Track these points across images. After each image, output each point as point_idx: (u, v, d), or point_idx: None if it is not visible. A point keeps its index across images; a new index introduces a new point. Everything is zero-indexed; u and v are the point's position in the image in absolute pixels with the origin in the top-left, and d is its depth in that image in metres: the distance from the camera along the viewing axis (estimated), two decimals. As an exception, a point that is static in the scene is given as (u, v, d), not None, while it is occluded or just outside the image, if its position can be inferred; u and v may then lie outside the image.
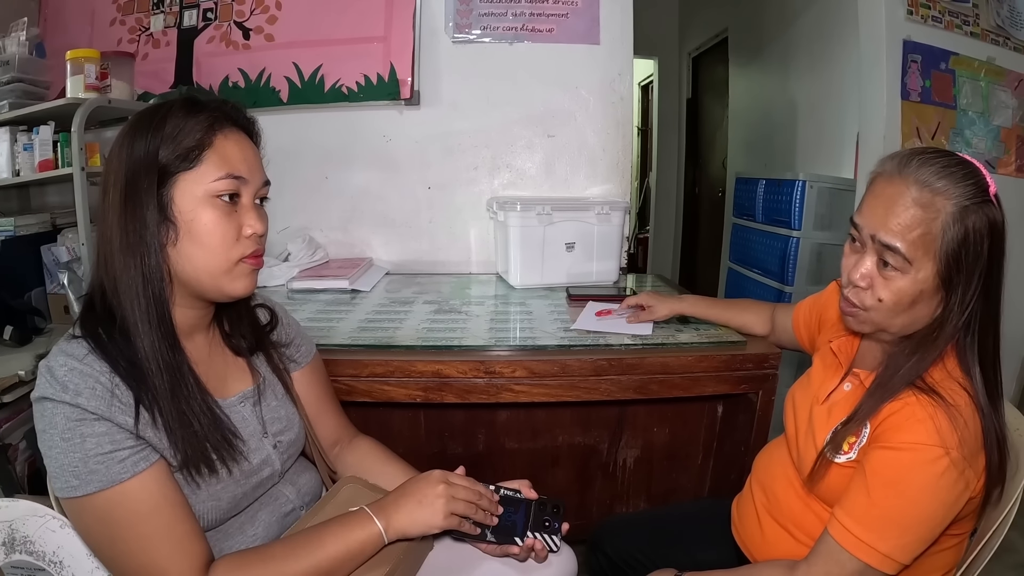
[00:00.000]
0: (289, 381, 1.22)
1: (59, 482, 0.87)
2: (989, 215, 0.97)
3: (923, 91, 2.85)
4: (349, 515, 1.02)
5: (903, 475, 0.97)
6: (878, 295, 1.03)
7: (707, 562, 1.40)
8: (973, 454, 0.96)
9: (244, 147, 1.02)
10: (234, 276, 1.01)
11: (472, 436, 1.91)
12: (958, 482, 0.95)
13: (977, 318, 1.00)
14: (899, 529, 0.96)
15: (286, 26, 2.52)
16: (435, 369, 1.55)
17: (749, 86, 4.44)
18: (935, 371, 1.03)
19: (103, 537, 0.89)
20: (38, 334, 2.14)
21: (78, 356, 0.89)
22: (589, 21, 2.55)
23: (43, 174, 2.13)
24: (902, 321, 1.04)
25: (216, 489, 0.99)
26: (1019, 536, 2.31)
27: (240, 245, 1.00)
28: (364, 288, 2.25)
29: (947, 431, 0.95)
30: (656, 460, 1.94)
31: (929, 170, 0.99)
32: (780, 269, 3.03)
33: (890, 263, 1.00)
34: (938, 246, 0.96)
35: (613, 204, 2.32)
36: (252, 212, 1.02)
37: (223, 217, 0.97)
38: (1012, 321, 3.24)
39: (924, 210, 0.97)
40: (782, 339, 1.63)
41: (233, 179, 0.98)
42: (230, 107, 1.03)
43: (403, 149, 2.62)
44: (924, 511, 0.96)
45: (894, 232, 0.98)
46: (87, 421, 0.86)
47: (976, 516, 1.11)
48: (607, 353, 1.59)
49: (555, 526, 1.16)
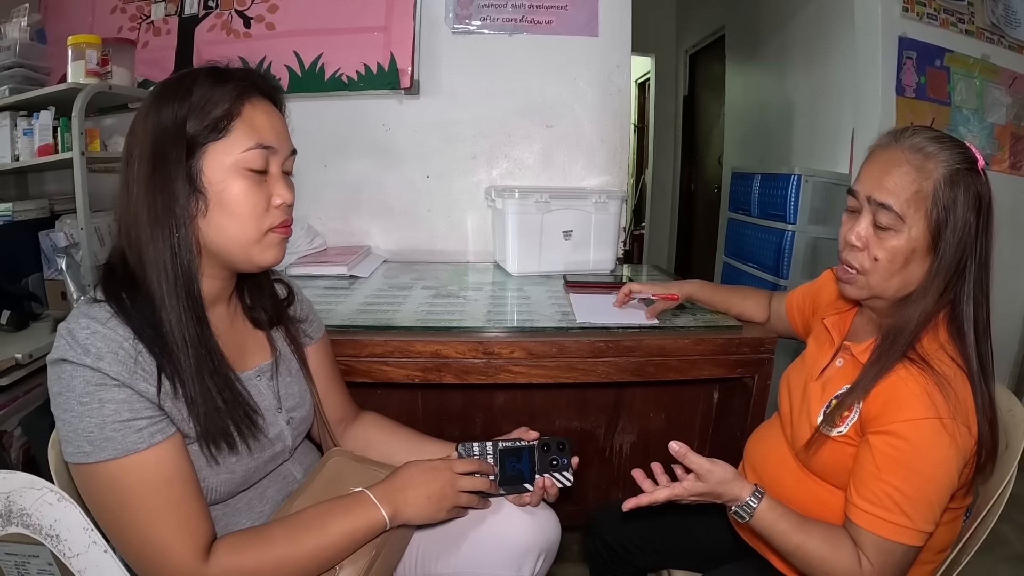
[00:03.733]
0: (304, 356, 1.23)
1: (71, 446, 0.86)
2: (978, 185, 1.03)
3: (918, 87, 2.87)
4: (352, 499, 1.03)
5: (914, 454, 0.99)
6: (874, 254, 1.07)
7: (704, 544, 1.41)
8: (965, 421, 0.99)
9: (272, 116, 1.02)
10: (264, 246, 1.01)
11: (470, 419, 1.92)
12: (957, 448, 0.98)
13: (968, 286, 1.04)
14: (926, 504, 0.99)
15: (287, 15, 2.53)
16: (434, 349, 1.56)
17: (746, 83, 4.46)
18: (927, 341, 1.06)
19: (111, 506, 0.88)
20: (35, 319, 2.14)
21: (101, 320, 0.88)
22: (588, 13, 2.56)
23: (43, 159, 2.13)
24: (896, 283, 1.08)
25: (232, 462, 0.99)
26: (1012, 529, 2.33)
27: (270, 215, 1.00)
28: (362, 274, 2.26)
29: (940, 402, 0.98)
30: (652, 445, 1.95)
31: (923, 137, 1.05)
32: (775, 263, 3.04)
33: (885, 222, 1.05)
34: (929, 204, 1.02)
35: (610, 194, 2.33)
36: (281, 182, 1.02)
37: (253, 187, 0.97)
38: (1005, 313, 3.27)
39: (917, 171, 1.03)
40: (777, 326, 1.65)
41: (263, 149, 0.97)
42: (256, 76, 1.03)
43: (402, 138, 2.63)
44: (941, 482, 0.99)
45: (888, 190, 1.04)
46: (107, 387, 0.85)
47: (970, 490, 1.13)
48: (605, 336, 1.60)
49: (563, 462, 1.18)
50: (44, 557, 1.18)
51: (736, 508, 1.09)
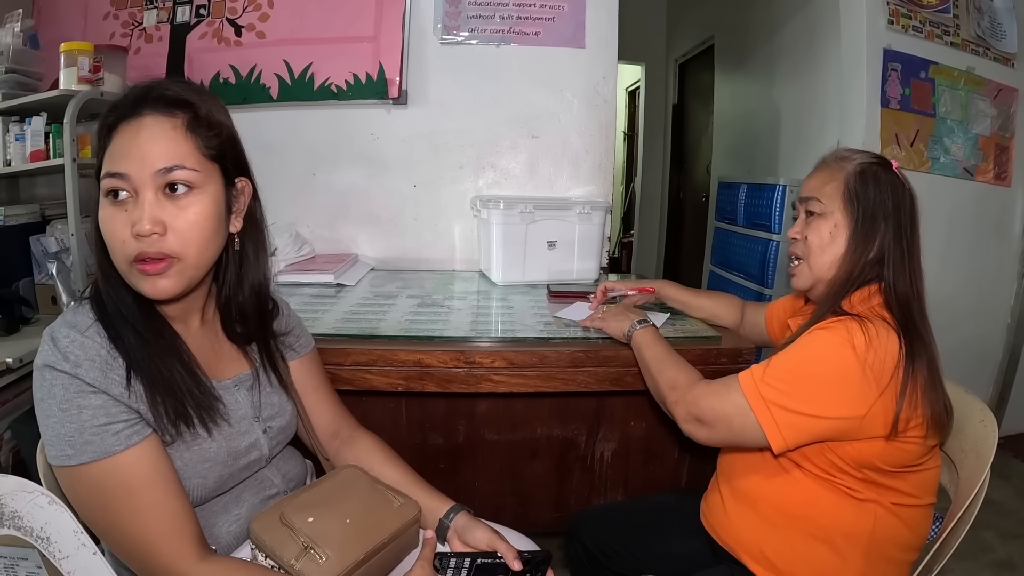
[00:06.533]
0: (285, 369, 1.24)
1: (54, 450, 0.90)
2: (890, 177, 1.23)
3: (903, 99, 2.91)
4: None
5: (804, 341, 1.15)
6: (805, 235, 1.28)
7: (682, 551, 1.44)
8: (881, 363, 1.07)
9: (140, 136, 0.94)
10: (136, 279, 0.95)
11: (452, 428, 1.93)
12: (854, 370, 1.07)
13: (892, 262, 1.20)
14: (787, 372, 1.13)
15: (277, 24, 2.56)
16: (417, 358, 1.58)
17: (734, 92, 4.49)
18: (857, 303, 1.19)
19: (96, 507, 0.92)
20: (25, 324, 2.15)
21: (81, 328, 0.93)
22: (575, 25, 2.59)
23: (34, 164, 2.15)
24: (828, 259, 1.25)
25: (204, 467, 1.01)
26: (995, 535, 2.36)
27: (126, 246, 0.93)
28: (349, 282, 2.29)
29: (856, 331, 1.08)
30: (633, 453, 1.97)
31: (844, 150, 1.31)
32: (760, 272, 3.07)
33: (813, 211, 1.27)
34: (843, 190, 1.24)
35: (594, 204, 2.36)
36: (141, 207, 0.93)
37: (110, 217, 0.94)
38: (989, 322, 3.30)
39: (836, 169, 1.27)
40: (751, 334, 1.70)
41: (111, 177, 0.93)
42: (139, 93, 0.98)
43: (390, 147, 2.66)
44: (810, 364, 1.12)
45: (813, 187, 1.28)
46: (85, 393, 0.89)
47: (921, 463, 1.17)
48: (584, 345, 1.63)
49: (542, 572, 1.12)
50: (33, 560, 1.18)
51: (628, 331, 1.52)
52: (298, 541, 0.98)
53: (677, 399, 1.28)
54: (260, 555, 1.01)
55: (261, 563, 1.00)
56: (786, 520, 1.21)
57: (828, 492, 1.17)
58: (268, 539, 0.99)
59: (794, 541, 1.21)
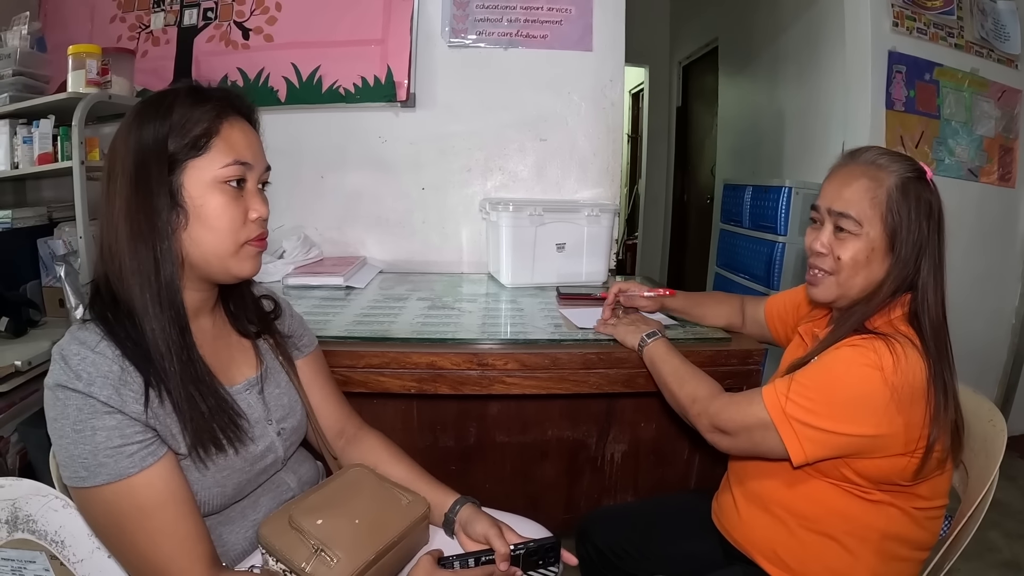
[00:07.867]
0: (292, 368, 1.25)
1: (68, 471, 0.89)
2: (927, 192, 1.16)
3: (907, 101, 2.91)
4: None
5: (830, 359, 1.12)
6: (837, 255, 1.18)
7: (693, 551, 1.44)
8: (908, 387, 1.05)
9: (248, 134, 1.06)
10: (241, 258, 1.04)
11: (464, 429, 1.94)
12: (880, 392, 1.05)
13: (924, 280, 1.15)
14: (814, 391, 1.11)
15: (285, 27, 2.56)
16: (430, 361, 1.58)
17: (738, 95, 4.49)
18: (879, 322, 1.15)
19: (110, 528, 0.92)
20: (33, 326, 2.15)
21: (91, 344, 0.92)
22: (582, 28, 2.60)
23: (42, 167, 2.15)
24: (861, 281, 1.18)
25: (222, 476, 1.02)
26: (1000, 536, 2.36)
27: (246, 228, 1.04)
28: (358, 285, 2.29)
29: (884, 353, 1.06)
30: (643, 455, 1.98)
31: (875, 152, 1.19)
32: (766, 273, 3.07)
33: (845, 228, 1.17)
34: (884, 208, 1.14)
35: (603, 207, 2.36)
36: (257, 197, 1.06)
37: (231, 202, 1.01)
38: (993, 322, 3.29)
39: (871, 180, 1.15)
40: (753, 331, 1.70)
41: (240, 165, 1.01)
42: (233, 95, 1.07)
43: (398, 150, 2.66)
44: (836, 384, 1.09)
45: (847, 201, 1.16)
46: (99, 414, 0.88)
47: (938, 479, 1.17)
48: (596, 347, 1.63)
49: (549, 560, 1.14)
50: (40, 563, 1.19)
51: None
52: (308, 544, 0.98)
53: (699, 412, 1.28)
54: (271, 559, 1.01)
55: (272, 567, 1.00)
56: (799, 520, 1.21)
57: (842, 495, 1.16)
58: (278, 543, 0.99)
59: (807, 540, 1.21)
